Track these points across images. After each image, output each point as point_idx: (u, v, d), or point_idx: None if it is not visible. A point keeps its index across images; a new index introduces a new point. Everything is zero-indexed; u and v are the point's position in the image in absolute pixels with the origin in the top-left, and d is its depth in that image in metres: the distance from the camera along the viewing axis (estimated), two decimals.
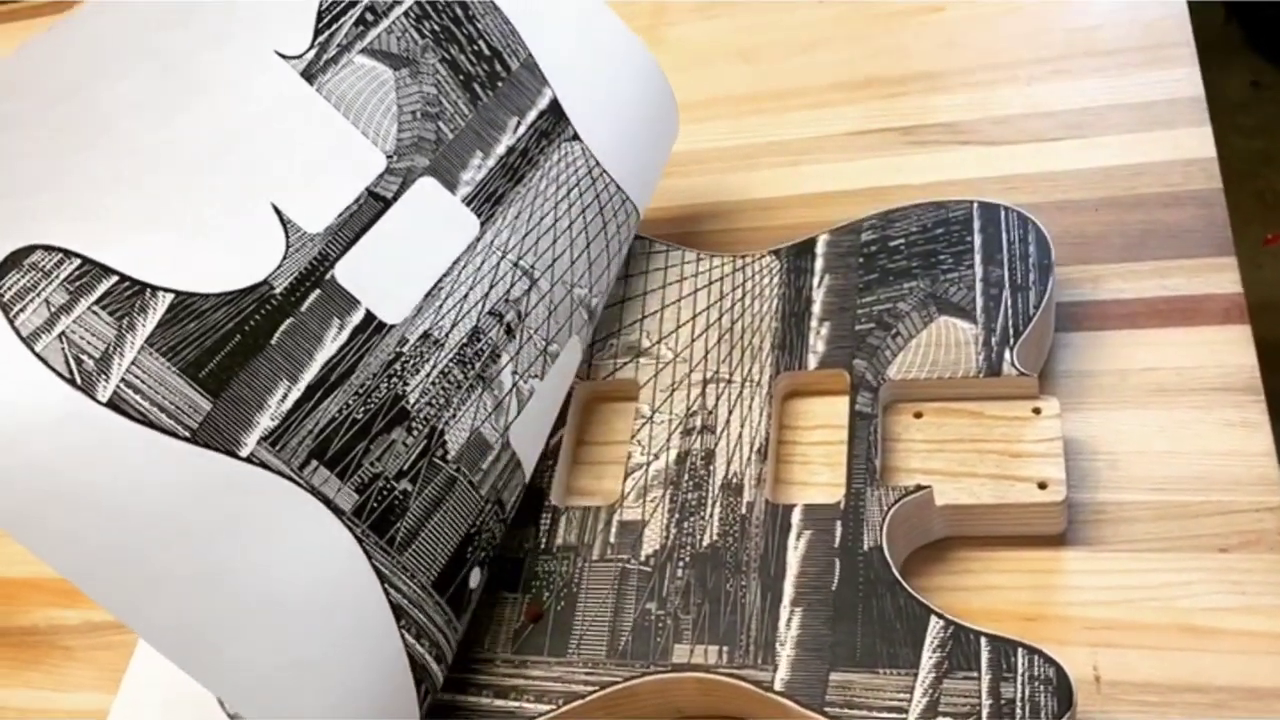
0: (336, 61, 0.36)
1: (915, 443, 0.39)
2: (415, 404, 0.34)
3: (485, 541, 0.36)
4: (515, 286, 0.38)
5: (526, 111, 0.39)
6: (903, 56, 0.54)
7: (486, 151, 0.38)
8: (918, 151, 0.50)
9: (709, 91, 0.56)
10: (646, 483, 0.40)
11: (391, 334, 0.34)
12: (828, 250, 0.43)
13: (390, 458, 0.33)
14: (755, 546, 0.37)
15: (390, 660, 0.32)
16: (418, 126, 0.37)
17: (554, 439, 0.42)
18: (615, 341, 0.44)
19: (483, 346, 0.36)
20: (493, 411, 0.36)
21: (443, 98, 0.37)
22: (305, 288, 0.33)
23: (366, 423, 0.33)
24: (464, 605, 0.35)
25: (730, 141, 0.54)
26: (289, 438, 0.31)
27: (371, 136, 0.36)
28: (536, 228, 0.39)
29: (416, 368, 0.34)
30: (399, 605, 0.32)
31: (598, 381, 0.43)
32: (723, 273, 0.44)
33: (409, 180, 0.36)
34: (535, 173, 0.39)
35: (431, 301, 0.35)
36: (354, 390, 0.33)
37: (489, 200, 0.38)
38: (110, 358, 0.29)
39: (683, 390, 0.42)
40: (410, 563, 0.33)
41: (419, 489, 0.34)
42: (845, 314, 0.41)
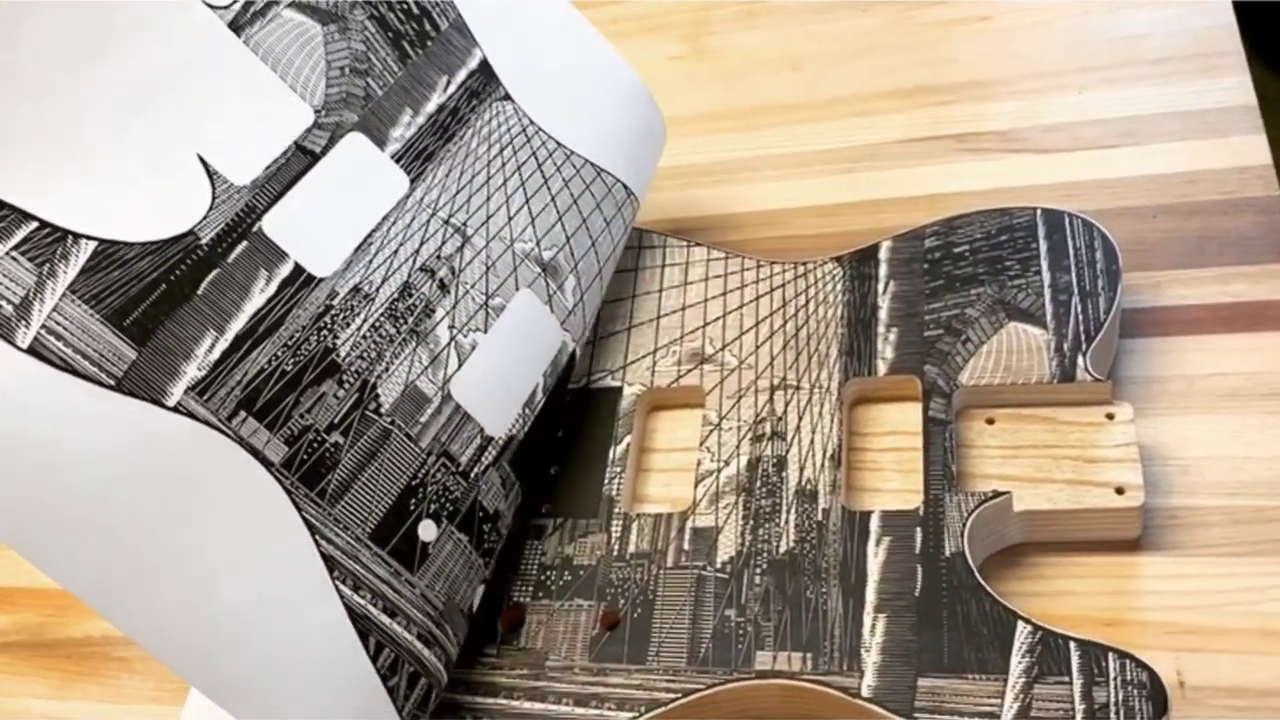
0: (264, 14, 0.36)
1: (989, 449, 0.39)
2: (346, 357, 0.34)
3: (434, 494, 0.36)
4: (448, 244, 0.38)
5: (456, 70, 0.40)
6: (951, 65, 0.54)
7: (416, 109, 0.38)
8: (971, 159, 0.50)
9: (756, 100, 0.56)
10: (718, 489, 0.40)
11: (320, 287, 0.34)
12: (891, 256, 0.44)
13: (321, 410, 0.33)
14: (834, 553, 0.37)
15: (323, 610, 0.32)
16: (346, 82, 0.37)
17: (619, 446, 0.42)
18: (678, 348, 0.44)
19: (415, 301, 0.36)
20: (429, 365, 0.36)
21: (371, 54, 0.38)
22: (232, 239, 0.33)
23: (296, 375, 0.33)
24: (416, 558, 0.34)
25: (781, 149, 0.54)
26: (217, 388, 0.32)
27: (300, 91, 0.36)
28: (468, 186, 0.39)
29: (346, 321, 0.35)
30: (330, 556, 0.33)
31: (661, 389, 0.43)
32: (784, 279, 0.45)
33: (337, 135, 0.36)
34: (466, 131, 0.39)
35: (361, 256, 0.36)
36: (283, 342, 0.33)
37: (418, 158, 0.38)
38: (30, 304, 0.29)
39: (750, 397, 0.42)
40: (343, 514, 0.33)
41: (351, 441, 0.34)
42: (913, 320, 0.41)
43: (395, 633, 0.33)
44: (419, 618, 0.34)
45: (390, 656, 0.33)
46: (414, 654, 0.34)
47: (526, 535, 0.40)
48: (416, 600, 0.34)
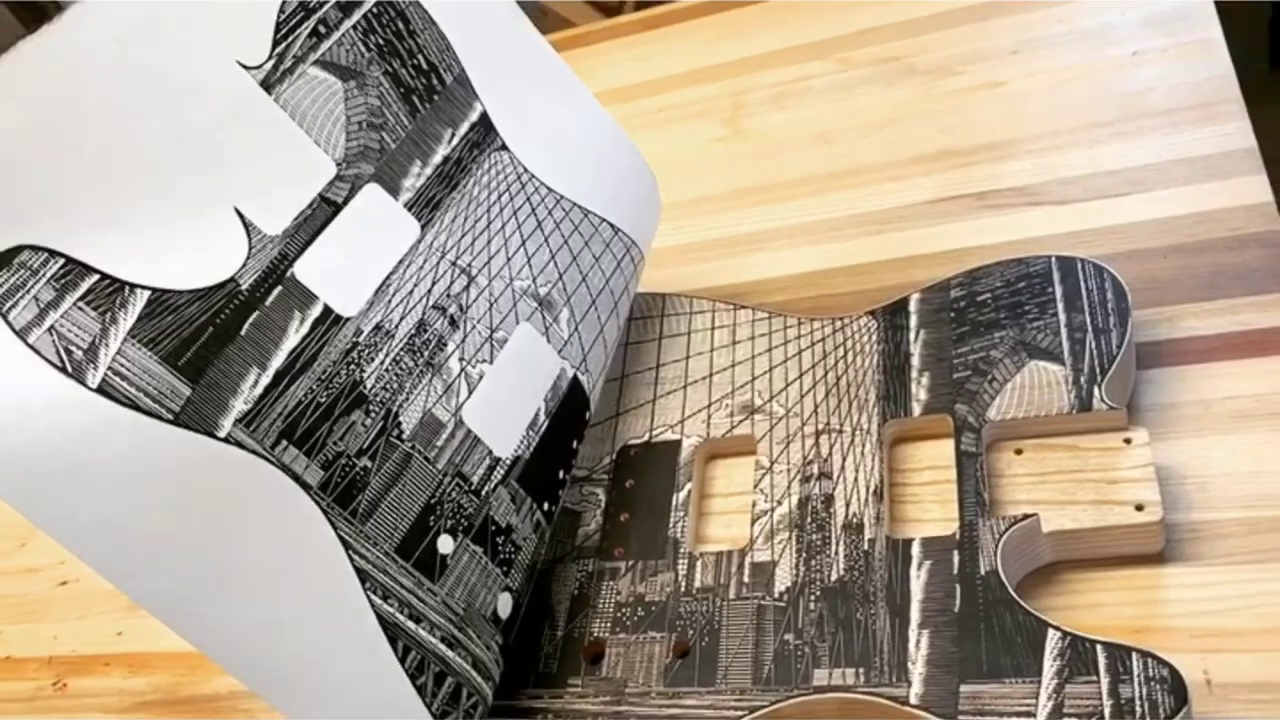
0: (292, 72, 0.39)
1: (1018, 477, 0.42)
2: (372, 389, 0.38)
3: (451, 510, 0.39)
4: (455, 283, 0.41)
5: (459, 123, 0.43)
6: (972, 129, 0.59)
7: (425, 160, 0.42)
8: (993, 214, 0.54)
9: (793, 173, 0.61)
10: (773, 527, 0.44)
11: (348, 325, 0.38)
12: (920, 308, 0.48)
13: (351, 437, 0.37)
14: (880, 578, 0.40)
15: (357, 618, 0.35)
16: (364, 136, 0.40)
17: (681, 493, 0.46)
18: (730, 401, 0.48)
19: (429, 337, 0.40)
20: (443, 394, 0.40)
21: (385, 109, 0.41)
22: (269, 284, 0.36)
23: (329, 406, 0.37)
24: (437, 569, 0.38)
25: (817, 216, 0.58)
26: (261, 419, 0.35)
27: (323, 145, 0.39)
28: (472, 230, 0.43)
29: (371, 356, 0.38)
30: (363, 569, 0.36)
31: (717, 439, 0.48)
32: (824, 334, 0.49)
33: (357, 186, 0.40)
34: (468, 179, 0.43)
35: (381, 297, 0.39)
36: (317, 376, 0.37)
37: (428, 205, 0.42)
38: (97, 348, 0.32)
39: (797, 442, 0.46)
40: (373, 531, 0.36)
41: (378, 465, 0.37)
42: (942, 364, 0.45)
43: (421, 637, 0.37)
44: (441, 623, 0.38)
45: (417, 658, 0.37)
46: (439, 655, 0.37)
47: (603, 577, 0.45)
48: (438, 607, 0.38)
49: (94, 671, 0.53)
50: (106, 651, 0.54)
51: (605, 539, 0.46)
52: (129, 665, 0.53)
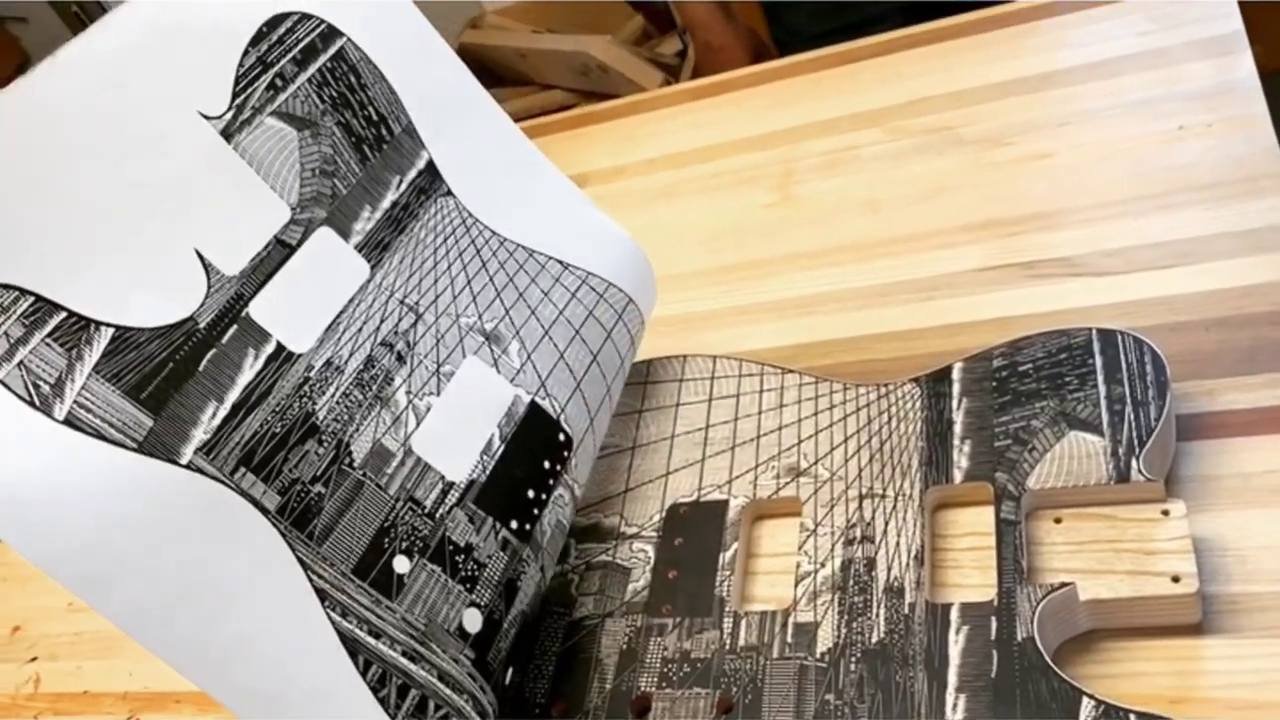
0: (250, 122, 0.41)
1: (1057, 545, 0.43)
2: (323, 420, 0.40)
3: (405, 533, 0.41)
4: (403, 321, 0.44)
5: (407, 171, 0.46)
6: (1019, 199, 0.60)
7: (374, 205, 0.44)
8: (1038, 284, 0.56)
9: (840, 240, 0.63)
10: (816, 588, 0.45)
11: (299, 361, 0.40)
12: (963, 376, 0.49)
13: (305, 465, 0.39)
14: (919, 642, 0.42)
15: (318, 634, 0.37)
16: (317, 182, 0.43)
17: (727, 552, 0.48)
18: (777, 464, 0.50)
19: (377, 372, 0.42)
20: (391, 425, 0.42)
21: (338, 157, 0.44)
22: (225, 323, 0.39)
23: (283, 436, 0.39)
24: (394, 588, 0.40)
25: (864, 282, 0.60)
26: (220, 448, 0.37)
27: (279, 190, 0.41)
28: (419, 270, 0.45)
29: (322, 390, 0.41)
30: (321, 589, 0.38)
31: (764, 500, 0.49)
32: (868, 399, 0.50)
33: (310, 230, 0.42)
34: (415, 223, 0.46)
35: (331, 334, 0.41)
36: (271, 408, 0.39)
37: (377, 248, 0.44)
38: (63, 383, 0.35)
39: (841, 505, 0.47)
40: (329, 552, 0.38)
41: (331, 491, 0.40)
42: (984, 432, 0.47)
43: (381, 651, 0.39)
44: (401, 638, 0.39)
45: (379, 671, 0.38)
46: (400, 669, 0.39)
47: (651, 633, 0.46)
48: (397, 624, 0.39)
49: (166, 708, 0.56)
50: (178, 689, 0.56)
51: (654, 595, 0.48)
52: (198, 704, 0.55)
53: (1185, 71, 0.62)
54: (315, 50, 0.44)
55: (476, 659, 0.42)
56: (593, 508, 0.53)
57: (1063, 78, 0.66)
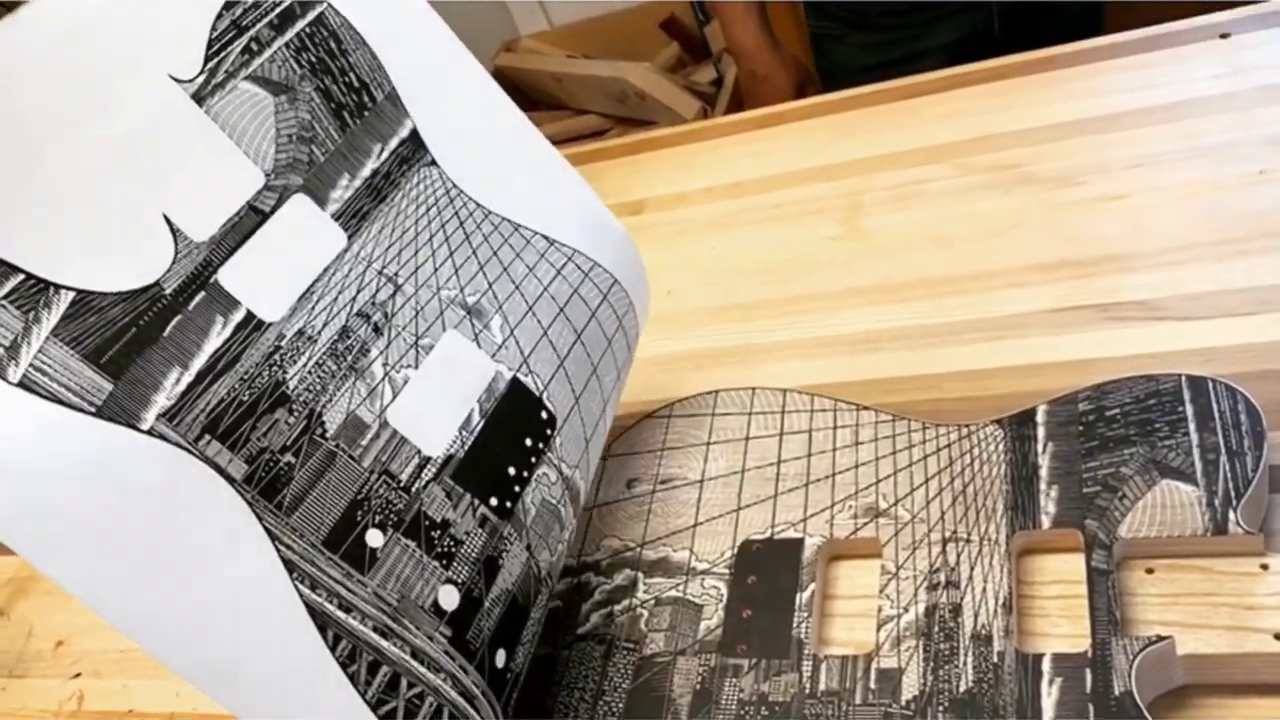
0: (224, 86, 0.40)
1: (1150, 596, 0.42)
2: (294, 389, 0.39)
3: (379, 506, 0.40)
4: (381, 291, 0.43)
5: (389, 139, 0.45)
6: (1092, 240, 0.59)
7: (353, 174, 0.43)
8: (1115, 327, 0.55)
9: (909, 275, 0.62)
10: (899, 633, 0.44)
11: (270, 330, 0.39)
12: (1048, 419, 0.48)
13: (274, 434, 0.38)
14: (1010, 692, 0.40)
15: (286, 607, 0.36)
16: (293, 149, 0.41)
17: (804, 593, 0.47)
18: (854, 503, 0.49)
19: (352, 343, 0.41)
20: (366, 397, 0.41)
21: (316, 124, 0.42)
22: (192, 289, 0.38)
23: (252, 404, 0.38)
24: (366, 562, 0.39)
25: (934, 319, 0.59)
26: (184, 415, 0.36)
27: (252, 156, 0.40)
28: (399, 241, 0.44)
29: (293, 359, 0.40)
30: (290, 560, 0.37)
31: (841, 540, 0.48)
32: (949, 440, 0.49)
33: (285, 197, 0.41)
34: (397, 193, 0.44)
35: (305, 303, 0.40)
36: (239, 376, 0.38)
37: (355, 216, 0.43)
38: (19, 346, 0.34)
39: (924, 549, 0.46)
40: (299, 524, 0.37)
41: (302, 461, 0.39)
42: (1071, 478, 0.46)
43: (351, 626, 0.38)
44: (373, 613, 0.38)
45: (348, 647, 0.37)
46: (371, 644, 0.38)
47: (726, 674, 0.45)
48: (369, 598, 0.38)
49: None
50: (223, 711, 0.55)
51: (727, 634, 0.47)
52: None
53: (1261, 115, 0.62)
54: (293, 15, 0.43)
55: (453, 637, 0.40)
56: (660, 540, 0.52)
57: (1131, 119, 0.66)
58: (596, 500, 0.55)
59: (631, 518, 0.53)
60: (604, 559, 0.52)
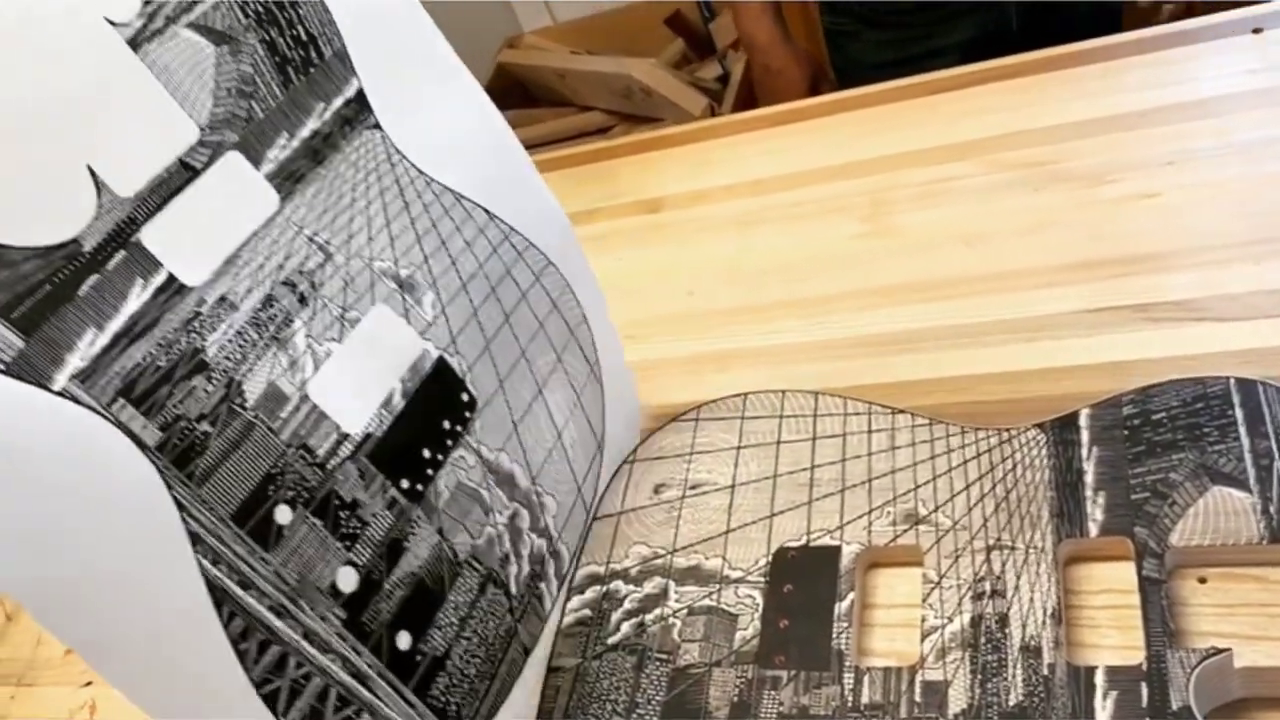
0: (162, 33, 0.38)
1: (1204, 607, 0.41)
2: (213, 357, 0.38)
3: (292, 482, 0.39)
4: (310, 259, 0.41)
5: (333, 98, 0.43)
6: (1126, 239, 0.58)
7: (292, 133, 0.41)
8: (1153, 328, 0.54)
9: (937, 274, 0.61)
10: (944, 645, 0.43)
11: (190, 295, 0.38)
12: (1091, 424, 0.47)
13: (191, 401, 0.37)
14: (1062, 706, 0.39)
15: (185, 580, 0.35)
16: (231, 103, 0.39)
17: (843, 602, 0.45)
18: (892, 510, 0.48)
19: (275, 312, 0.40)
20: (288, 368, 0.40)
21: (258, 78, 0.40)
22: (112, 248, 0.36)
23: (169, 370, 0.37)
24: (272, 539, 0.38)
25: (963, 319, 0.58)
26: (98, 377, 0.35)
27: (187, 108, 0.38)
28: (334, 207, 0.42)
29: (213, 326, 0.38)
30: (195, 533, 0.36)
31: (879, 548, 0.47)
32: (989, 445, 0.48)
33: (218, 153, 0.39)
34: (336, 155, 0.42)
35: (229, 268, 0.39)
36: (156, 341, 0.37)
37: (290, 178, 0.41)
38: None
39: (967, 556, 0.45)
40: (209, 495, 0.37)
41: (219, 430, 0.37)
42: (1119, 484, 0.45)
43: (247, 604, 0.37)
44: (271, 592, 0.37)
45: (241, 625, 0.36)
46: (265, 624, 0.37)
47: (764, 685, 0.44)
48: (270, 576, 0.38)
49: None
50: None
51: (765, 645, 0.45)
52: None
53: None
54: None
55: (348, 619, 0.40)
56: (692, 548, 0.50)
57: (1162, 115, 0.65)
58: (623, 506, 0.54)
59: (660, 524, 0.52)
60: (633, 566, 0.51)
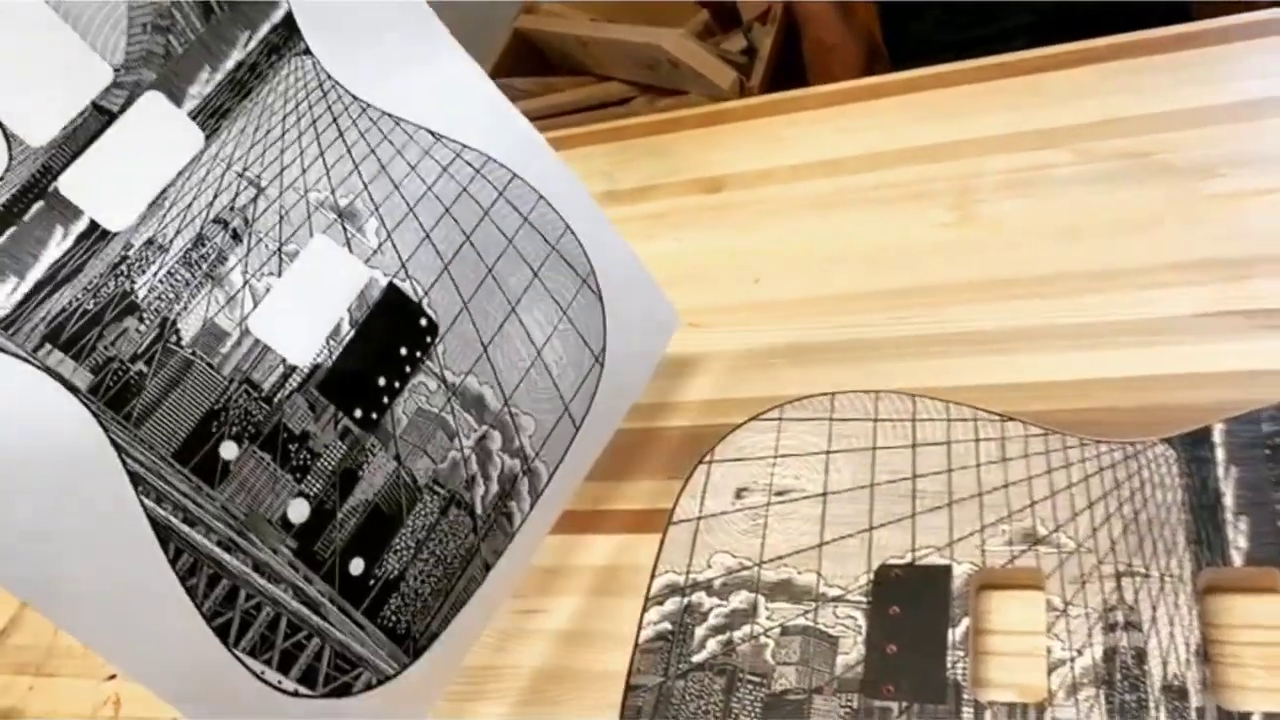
0: None
1: None
2: (144, 299, 0.37)
3: (236, 418, 0.39)
4: (241, 196, 0.40)
5: (259, 25, 0.41)
6: (1244, 238, 0.54)
7: (215, 67, 0.39)
8: (1275, 336, 0.50)
9: (1038, 270, 0.57)
10: (1074, 680, 0.39)
11: (116, 240, 0.37)
12: (1227, 440, 0.43)
13: (124, 343, 0.37)
14: None
15: (128, 521, 0.35)
16: (147, 40, 0.37)
17: (958, 628, 0.42)
18: (1007, 528, 0.44)
19: (208, 250, 0.39)
20: (225, 305, 0.39)
21: (175, 10, 0.38)
22: (28, 199, 0.35)
23: (97, 313, 0.36)
24: (217, 475, 0.38)
25: (1070, 319, 0.54)
26: (21, 324, 0.35)
27: (99, 49, 0.36)
28: (264, 140, 0.41)
29: (142, 269, 0.38)
30: (136, 473, 0.35)
31: (994, 569, 0.43)
32: (1113, 459, 0.44)
33: (135, 94, 0.37)
34: (264, 87, 0.41)
35: (155, 211, 0.38)
36: (82, 286, 0.36)
37: (215, 114, 0.39)
38: None
39: (1095, 583, 0.41)
40: (148, 435, 0.36)
41: (154, 370, 0.37)
42: (1263, 509, 0.41)
43: (195, 540, 0.37)
44: (219, 527, 0.37)
45: (189, 561, 0.36)
46: (213, 558, 0.37)
47: (871, 717, 0.40)
48: (216, 512, 0.37)
49: None
50: None
51: (871, 672, 0.42)
52: None
53: None
54: None
55: (299, 549, 0.39)
56: (782, 560, 0.47)
57: (1275, 107, 0.60)
58: (702, 510, 0.50)
59: (745, 532, 0.48)
60: (716, 577, 0.47)
